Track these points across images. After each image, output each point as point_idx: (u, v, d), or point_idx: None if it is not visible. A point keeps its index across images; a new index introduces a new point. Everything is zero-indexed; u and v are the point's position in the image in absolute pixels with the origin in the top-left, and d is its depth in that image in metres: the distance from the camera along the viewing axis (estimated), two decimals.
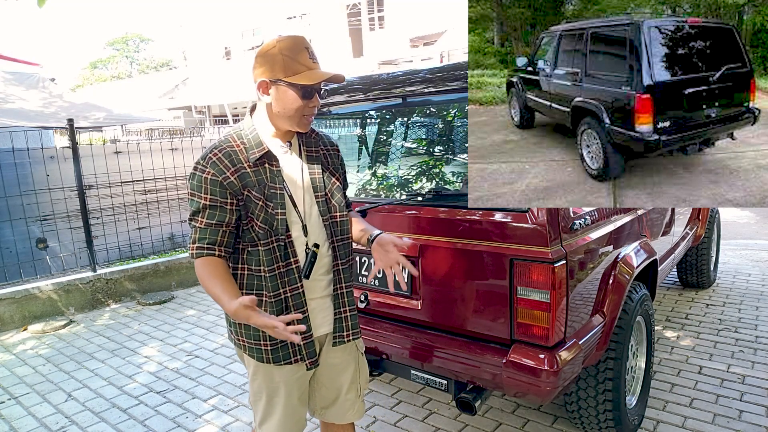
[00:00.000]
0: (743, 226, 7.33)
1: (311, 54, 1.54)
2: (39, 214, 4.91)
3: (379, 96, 2.53)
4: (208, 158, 1.54)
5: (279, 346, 1.62)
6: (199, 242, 1.54)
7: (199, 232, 1.54)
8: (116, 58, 48.72)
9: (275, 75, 1.52)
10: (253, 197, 1.55)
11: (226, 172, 1.52)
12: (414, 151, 2.48)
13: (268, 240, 1.56)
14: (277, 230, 1.57)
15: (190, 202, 1.57)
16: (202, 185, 1.52)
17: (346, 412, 1.81)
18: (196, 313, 4.69)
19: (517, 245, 1.95)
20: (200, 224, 1.54)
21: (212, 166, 1.53)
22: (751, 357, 3.30)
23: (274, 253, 1.57)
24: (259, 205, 1.55)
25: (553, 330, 1.91)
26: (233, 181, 1.53)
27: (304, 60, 1.51)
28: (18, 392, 3.34)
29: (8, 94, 8.18)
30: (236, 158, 1.55)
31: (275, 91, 1.54)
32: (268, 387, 1.68)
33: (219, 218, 1.53)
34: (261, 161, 1.57)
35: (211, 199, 1.52)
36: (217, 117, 24.37)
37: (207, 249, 1.53)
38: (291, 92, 1.52)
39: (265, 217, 1.56)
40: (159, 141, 6.12)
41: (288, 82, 1.51)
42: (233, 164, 1.54)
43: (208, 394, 3.21)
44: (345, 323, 1.72)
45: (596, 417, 2.37)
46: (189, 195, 1.57)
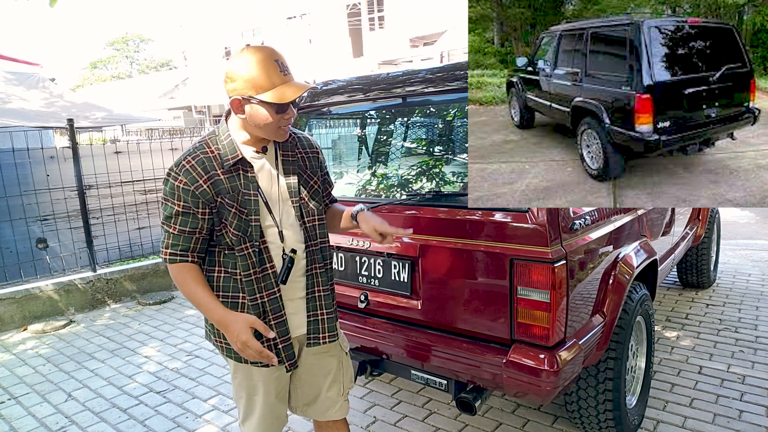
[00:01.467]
0: (743, 226, 7.33)
1: (281, 66, 1.49)
2: (39, 214, 4.91)
3: (379, 96, 2.53)
4: (181, 165, 1.53)
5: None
6: (172, 248, 1.56)
7: (173, 238, 1.55)
8: (116, 58, 48.72)
9: (246, 92, 1.48)
10: (226, 204, 1.55)
11: (198, 180, 1.52)
12: (414, 151, 2.48)
13: (242, 246, 1.57)
14: (251, 236, 1.57)
15: (162, 206, 1.57)
16: (175, 192, 1.53)
17: (327, 410, 1.83)
18: (196, 313, 4.69)
19: (517, 245, 1.95)
20: (173, 230, 1.55)
21: (185, 174, 1.52)
22: (751, 357, 3.30)
23: (249, 258, 1.58)
24: (231, 212, 1.55)
25: (553, 330, 1.91)
26: (206, 189, 1.53)
27: (274, 74, 1.47)
28: (18, 392, 3.34)
29: (8, 94, 8.18)
30: (209, 165, 1.54)
31: (249, 108, 1.51)
32: (247, 386, 1.71)
33: (192, 225, 1.54)
34: (235, 168, 1.57)
35: (183, 206, 1.53)
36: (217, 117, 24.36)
37: (180, 255, 1.56)
38: (263, 109, 1.49)
39: (238, 223, 1.56)
40: (159, 141, 6.12)
41: (259, 100, 1.48)
42: (206, 171, 1.53)
43: (208, 394, 3.21)
44: (321, 325, 1.73)
45: (596, 417, 2.37)
46: (162, 199, 1.58)
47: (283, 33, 21.61)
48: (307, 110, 2.81)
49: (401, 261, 2.29)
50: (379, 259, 2.34)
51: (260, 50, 1.49)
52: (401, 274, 2.29)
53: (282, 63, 1.50)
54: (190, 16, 25.78)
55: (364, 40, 19.87)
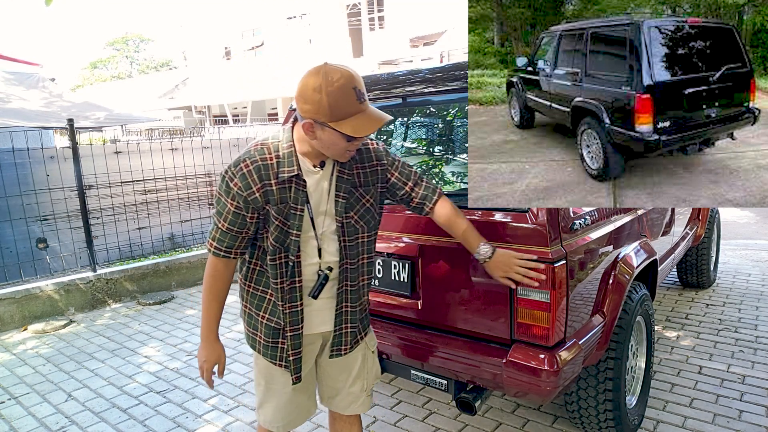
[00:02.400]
0: (743, 226, 7.33)
1: (359, 93, 1.44)
2: (39, 214, 4.91)
3: (379, 96, 2.53)
4: (239, 168, 1.54)
5: (270, 345, 1.71)
6: (217, 243, 1.61)
7: (220, 233, 1.60)
8: (116, 58, 48.74)
9: (320, 117, 1.44)
10: (272, 214, 1.57)
11: (252, 186, 1.53)
12: (414, 151, 2.48)
13: (275, 256, 1.60)
14: (288, 248, 1.60)
15: (215, 200, 1.61)
16: (229, 192, 1.56)
17: (350, 404, 1.87)
18: (196, 313, 4.69)
19: (517, 245, 1.95)
20: (222, 226, 1.59)
21: (240, 178, 1.53)
22: (751, 357, 3.30)
23: (280, 269, 1.61)
24: (275, 223, 1.57)
25: (553, 330, 1.91)
26: (257, 197, 1.54)
27: (351, 103, 1.43)
28: (18, 392, 3.34)
29: (8, 94, 8.19)
30: (264, 174, 1.54)
31: (321, 132, 1.48)
32: (265, 375, 1.77)
33: (239, 226, 1.58)
34: (289, 181, 1.56)
35: (235, 206, 1.56)
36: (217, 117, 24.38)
37: (224, 252, 1.62)
38: (336, 135, 1.47)
39: (278, 235, 1.58)
40: (159, 141, 6.12)
41: (331, 127, 1.45)
42: (260, 180, 1.54)
43: (208, 394, 3.21)
44: (344, 338, 1.77)
45: (596, 417, 2.37)
46: (216, 194, 1.61)
47: (283, 33, 21.61)
48: None
49: (401, 261, 2.29)
50: (379, 259, 2.34)
51: (340, 75, 1.42)
52: (401, 274, 2.29)
53: (359, 90, 1.45)
54: (190, 16, 25.78)
55: (364, 40, 19.88)
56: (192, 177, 6.03)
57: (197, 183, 6.10)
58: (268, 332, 1.69)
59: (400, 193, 1.80)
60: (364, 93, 1.47)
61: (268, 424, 1.81)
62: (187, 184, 6.00)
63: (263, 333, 1.70)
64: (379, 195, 1.77)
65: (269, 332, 1.69)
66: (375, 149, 1.74)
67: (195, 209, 6.11)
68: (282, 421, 1.80)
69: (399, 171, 1.78)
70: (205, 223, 6.15)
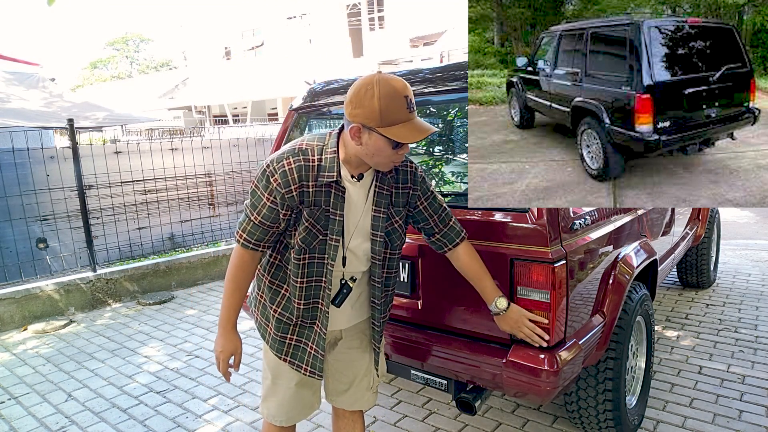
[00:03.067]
0: (743, 226, 7.33)
1: (409, 103, 1.48)
2: (39, 214, 4.91)
3: None
4: (281, 164, 1.56)
5: (278, 339, 1.73)
6: (248, 235, 1.62)
7: (252, 226, 1.61)
8: (116, 58, 48.73)
9: (370, 122, 1.48)
10: (304, 215, 1.59)
11: (291, 185, 1.55)
12: (414, 151, 2.48)
13: (299, 257, 1.62)
14: (314, 251, 1.62)
15: (251, 192, 1.62)
16: (268, 186, 1.57)
17: (357, 401, 1.90)
18: (196, 313, 4.69)
19: (517, 245, 1.95)
20: (254, 219, 1.60)
21: (281, 175, 1.55)
22: (751, 357, 3.30)
23: (303, 269, 1.63)
24: (305, 224, 1.59)
25: (553, 330, 1.91)
26: (294, 196, 1.56)
27: (401, 111, 1.46)
28: (18, 392, 3.34)
29: (8, 94, 8.19)
30: (305, 174, 1.56)
31: (368, 137, 1.51)
32: (273, 368, 1.80)
33: (272, 220, 1.60)
34: (328, 185, 1.59)
35: (271, 201, 1.58)
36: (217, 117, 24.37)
37: (253, 244, 1.63)
38: (383, 142, 1.50)
39: (305, 236, 1.60)
40: (159, 141, 6.12)
41: (380, 133, 1.48)
42: (300, 179, 1.56)
43: (208, 394, 3.21)
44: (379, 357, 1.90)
45: (596, 417, 2.37)
46: (253, 186, 1.61)
47: (283, 33, 21.62)
48: (307, 110, 2.81)
49: (401, 261, 2.29)
50: None
51: (393, 83, 1.47)
52: (401, 274, 2.29)
53: (410, 100, 1.49)
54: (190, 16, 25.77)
55: (364, 40, 19.88)
56: (192, 177, 6.03)
57: (197, 183, 6.10)
58: (278, 326, 1.72)
59: (423, 224, 1.82)
60: (413, 103, 1.50)
61: (271, 417, 1.84)
62: (187, 184, 6.00)
63: (273, 326, 1.73)
64: (406, 218, 1.80)
65: (279, 326, 1.71)
66: (413, 173, 1.76)
67: (195, 209, 6.11)
68: (285, 415, 1.83)
69: (429, 202, 1.80)
70: (205, 223, 6.15)
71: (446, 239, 1.84)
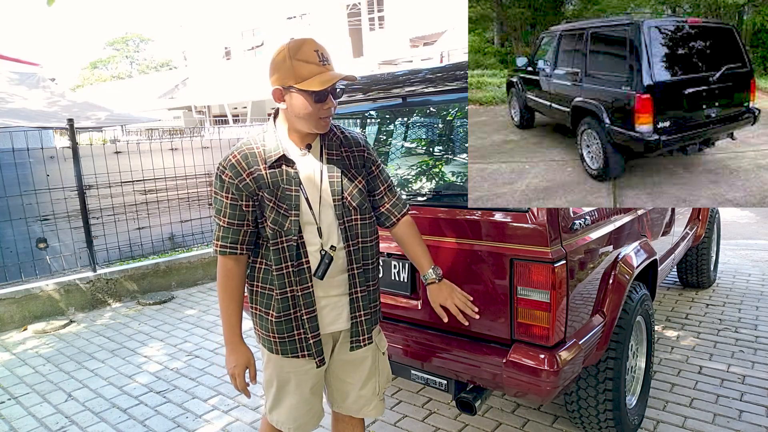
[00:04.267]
0: (743, 226, 7.33)
1: (321, 56, 1.53)
2: (39, 214, 4.91)
3: (379, 96, 2.53)
4: (228, 160, 1.61)
5: (286, 340, 1.68)
6: (222, 240, 1.63)
7: (222, 231, 1.63)
8: (116, 58, 48.74)
9: (286, 82, 1.54)
10: (265, 199, 1.60)
11: (242, 173, 1.59)
12: (414, 151, 2.48)
13: (276, 240, 1.61)
14: (289, 231, 1.61)
15: (214, 200, 1.64)
16: (223, 185, 1.61)
17: (362, 407, 1.86)
18: (196, 313, 4.69)
19: (517, 245, 1.95)
20: (223, 223, 1.62)
21: (230, 169, 1.59)
22: (751, 357, 3.30)
23: (282, 253, 1.62)
24: (269, 206, 1.60)
25: (553, 330, 1.91)
26: (248, 183, 1.59)
27: (313, 64, 1.52)
28: (18, 392, 3.34)
29: (10, 94, 8.20)
30: (253, 160, 1.60)
31: (289, 98, 1.56)
32: (278, 376, 1.75)
33: (239, 218, 1.61)
34: (278, 163, 1.61)
35: (231, 198, 1.60)
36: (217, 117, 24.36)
37: (230, 247, 1.63)
38: (302, 98, 1.54)
39: (275, 218, 1.60)
40: (159, 141, 6.12)
41: (298, 88, 1.52)
42: (249, 166, 1.59)
43: (208, 394, 3.21)
44: (360, 327, 1.76)
45: (596, 417, 2.37)
46: (213, 194, 1.64)
47: (283, 33, 21.61)
48: None
49: (401, 261, 2.29)
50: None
51: (301, 41, 1.54)
52: (401, 274, 2.29)
53: (322, 54, 1.54)
54: (190, 16, 25.77)
55: (364, 40, 19.88)
56: (192, 177, 6.03)
57: (197, 183, 6.11)
58: (280, 328, 1.67)
59: (375, 192, 1.81)
60: (327, 57, 1.55)
61: (281, 425, 1.79)
62: (187, 184, 6.00)
63: (276, 331, 1.68)
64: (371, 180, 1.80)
65: (281, 328, 1.67)
66: (360, 138, 1.80)
67: (195, 209, 6.11)
68: (295, 422, 1.77)
69: (380, 170, 1.82)
70: (205, 223, 6.15)
71: (395, 209, 1.84)
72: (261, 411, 2.97)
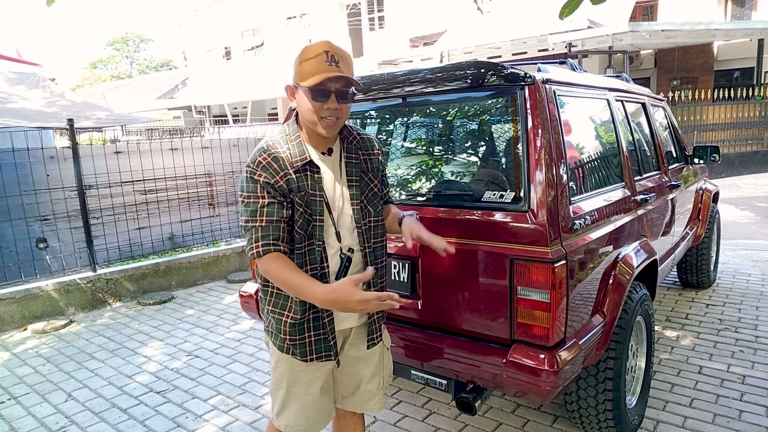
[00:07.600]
0: (743, 226, 7.33)
1: (330, 57, 1.54)
2: (39, 214, 4.91)
3: (379, 96, 2.53)
4: (257, 162, 1.59)
5: (297, 343, 1.68)
6: (263, 240, 1.57)
7: (262, 231, 1.57)
8: (116, 58, 48.73)
9: (295, 80, 1.58)
10: (296, 203, 1.60)
11: (276, 175, 1.58)
12: (414, 151, 2.48)
13: (302, 245, 1.62)
14: (312, 236, 1.62)
15: (245, 204, 1.59)
16: (258, 186, 1.57)
17: (366, 402, 1.87)
18: (196, 313, 4.69)
19: (517, 245, 1.95)
20: (261, 223, 1.57)
21: (263, 170, 1.58)
22: (751, 357, 3.30)
23: (305, 257, 1.63)
24: (299, 211, 1.60)
25: (553, 330, 1.91)
26: (282, 185, 1.58)
27: (320, 64, 1.53)
28: (18, 392, 3.34)
29: (10, 94, 8.20)
30: (283, 164, 1.60)
31: (297, 96, 1.61)
32: (289, 376, 1.74)
33: (278, 215, 1.58)
34: (304, 168, 1.62)
35: (269, 197, 1.57)
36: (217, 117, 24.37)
37: (273, 245, 1.57)
38: (303, 95, 1.57)
39: (303, 223, 1.61)
40: (159, 141, 6.12)
41: (300, 86, 1.56)
42: (281, 169, 1.59)
43: (208, 394, 3.21)
44: (374, 325, 1.79)
45: (596, 417, 2.37)
46: (243, 198, 1.59)
47: (283, 33, 21.61)
48: None
49: (401, 261, 2.29)
50: None
51: (317, 43, 1.57)
52: (401, 274, 2.29)
53: (332, 56, 1.55)
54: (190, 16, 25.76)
55: (364, 40, 19.88)
56: (192, 177, 6.03)
57: (197, 183, 6.11)
58: (293, 330, 1.66)
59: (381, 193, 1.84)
60: (338, 60, 1.55)
61: (290, 428, 1.77)
62: (187, 184, 6.00)
63: (289, 333, 1.67)
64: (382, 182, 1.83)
65: (294, 329, 1.66)
66: (376, 141, 1.82)
67: (195, 209, 6.11)
68: (305, 423, 1.76)
69: (384, 172, 1.87)
70: (205, 223, 6.15)
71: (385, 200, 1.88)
72: (261, 411, 2.97)
